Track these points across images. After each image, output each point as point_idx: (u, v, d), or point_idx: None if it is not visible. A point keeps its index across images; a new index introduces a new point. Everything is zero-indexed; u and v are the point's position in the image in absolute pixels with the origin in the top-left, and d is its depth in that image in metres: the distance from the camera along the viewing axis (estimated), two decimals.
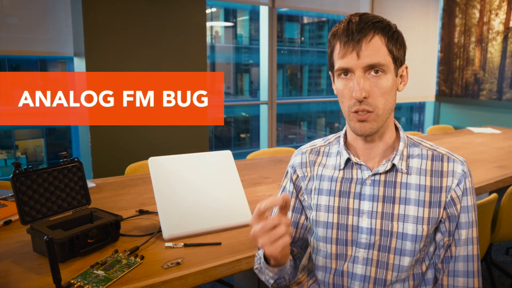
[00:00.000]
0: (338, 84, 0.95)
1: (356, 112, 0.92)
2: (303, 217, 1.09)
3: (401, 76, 0.97)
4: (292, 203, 1.10)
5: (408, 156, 0.98)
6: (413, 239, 0.94)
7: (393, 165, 0.97)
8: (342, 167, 1.01)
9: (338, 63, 0.92)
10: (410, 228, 0.94)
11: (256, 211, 0.85)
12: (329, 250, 1.01)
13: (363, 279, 0.97)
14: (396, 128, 1.02)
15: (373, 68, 0.90)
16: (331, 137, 1.10)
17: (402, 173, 0.97)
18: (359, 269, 0.98)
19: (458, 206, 0.96)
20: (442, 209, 0.96)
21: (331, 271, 1.02)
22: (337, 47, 0.92)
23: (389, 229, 0.96)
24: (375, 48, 0.89)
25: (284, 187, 1.11)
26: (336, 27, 0.94)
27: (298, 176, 1.09)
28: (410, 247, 0.95)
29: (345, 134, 1.05)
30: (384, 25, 0.92)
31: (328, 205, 1.01)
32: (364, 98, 0.90)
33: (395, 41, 0.92)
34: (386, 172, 0.97)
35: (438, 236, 0.99)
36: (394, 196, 0.96)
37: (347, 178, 1.01)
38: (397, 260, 0.96)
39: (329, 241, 1.01)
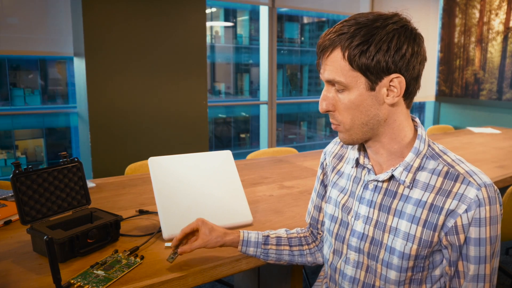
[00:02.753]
0: None
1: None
2: (324, 203, 1.15)
3: (389, 86, 0.86)
4: (318, 189, 1.16)
5: (419, 168, 0.90)
6: (400, 256, 0.89)
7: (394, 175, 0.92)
8: (354, 165, 1.01)
9: None
10: (398, 244, 0.89)
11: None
12: (331, 242, 1.05)
13: (352, 281, 0.98)
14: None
15: (333, 83, 0.88)
16: None
17: (404, 185, 0.91)
18: (349, 271, 0.99)
19: (461, 236, 0.85)
20: (436, 234, 0.86)
21: (328, 262, 1.06)
22: None
23: (380, 239, 0.92)
24: (332, 64, 0.86)
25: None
26: None
27: (327, 164, 1.12)
28: (397, 263, 0.90)
29: None
30: (349, 35, 0.83)
31: (336, 200, 1.04)
32: (330, 111, 0.91)
33: (362, 51, 0.82)
34: (389, 181, 0.93)
35: (444, 262, 0.91)
36: (390, 207, 0.92)
37: (357, 178, 1.01)
38: (384, 271, 0.92)
39: (330, 233, 1.04)
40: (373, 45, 0.82)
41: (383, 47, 0.82)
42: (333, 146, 1.13)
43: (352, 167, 1.02)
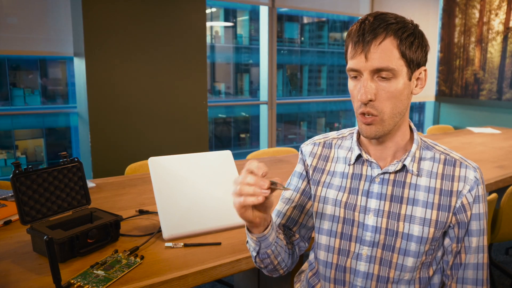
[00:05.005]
0: (349, 84, 0.95)
1: (362, 114, 0.92)
2: (310, 203, 1.10)
3: (417, 79, 0.95)
4: (302, 186, 1.10)
5: (420, 159, 0.98)
6: (418, 241, 0.94)
7: (404, 166, 0.97)
8: (352, 162, 1.01)
9: (349, 64, 0.92)
10: (416, 230, 0.94)
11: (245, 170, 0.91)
12: (332, 244, 1.02)
13: (366, 276, 0.98)
14: (411, 130, 1.01)
15: (381, 71, 0.88)
16: (346, 131, 1.11)
17: (412, 174, 0.96)
18: (362, 266, 0.98)
19: (469, 213, 0.95)
20: (451, 214, 0.95)
21: (332, 266, 1.02)
22: (349, 47, 0.92)
23: (395, 229, 0.95)
24: (385, 51, 0.87)
25: (295, 170, 1.13)
26: (352, 26, 0.94)
27: (308, 164, 1.10)
28: (414, 248, 0.94)
29: (358, 131, 1.04)
30: (399, 26, 0.88)
31: (336, 199, 1.02)
32: (370, 101, 0.90)
33: (410, 43, 0.89)
34: (396, 172, 0.97)
35: (447, 241, 0.98)
36: (402, 196, 0.96)
37: (356, 174, 1.01)
38: (401, 259, 0.96)
39: (333, 234, 1.02)
40: (417, 39, 0.91)
41: (421, 42, 0.92)
42: (314, 147, 1.11)
43: (348, 165, 1.02)
